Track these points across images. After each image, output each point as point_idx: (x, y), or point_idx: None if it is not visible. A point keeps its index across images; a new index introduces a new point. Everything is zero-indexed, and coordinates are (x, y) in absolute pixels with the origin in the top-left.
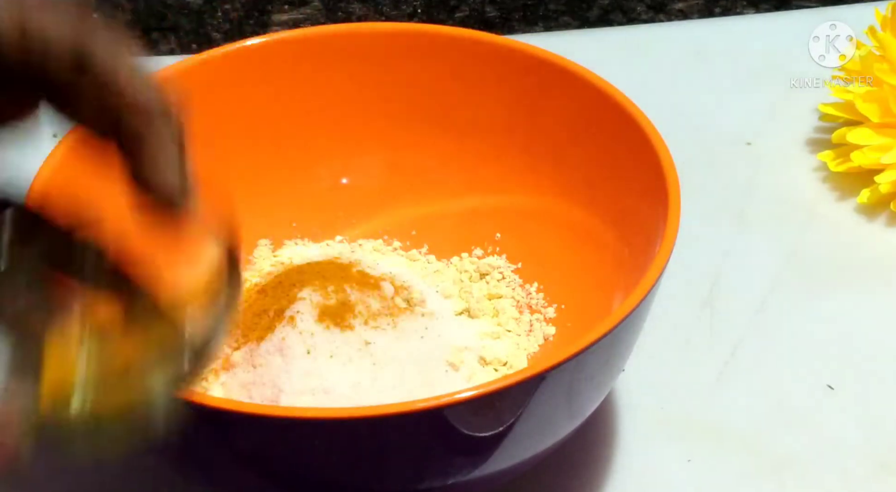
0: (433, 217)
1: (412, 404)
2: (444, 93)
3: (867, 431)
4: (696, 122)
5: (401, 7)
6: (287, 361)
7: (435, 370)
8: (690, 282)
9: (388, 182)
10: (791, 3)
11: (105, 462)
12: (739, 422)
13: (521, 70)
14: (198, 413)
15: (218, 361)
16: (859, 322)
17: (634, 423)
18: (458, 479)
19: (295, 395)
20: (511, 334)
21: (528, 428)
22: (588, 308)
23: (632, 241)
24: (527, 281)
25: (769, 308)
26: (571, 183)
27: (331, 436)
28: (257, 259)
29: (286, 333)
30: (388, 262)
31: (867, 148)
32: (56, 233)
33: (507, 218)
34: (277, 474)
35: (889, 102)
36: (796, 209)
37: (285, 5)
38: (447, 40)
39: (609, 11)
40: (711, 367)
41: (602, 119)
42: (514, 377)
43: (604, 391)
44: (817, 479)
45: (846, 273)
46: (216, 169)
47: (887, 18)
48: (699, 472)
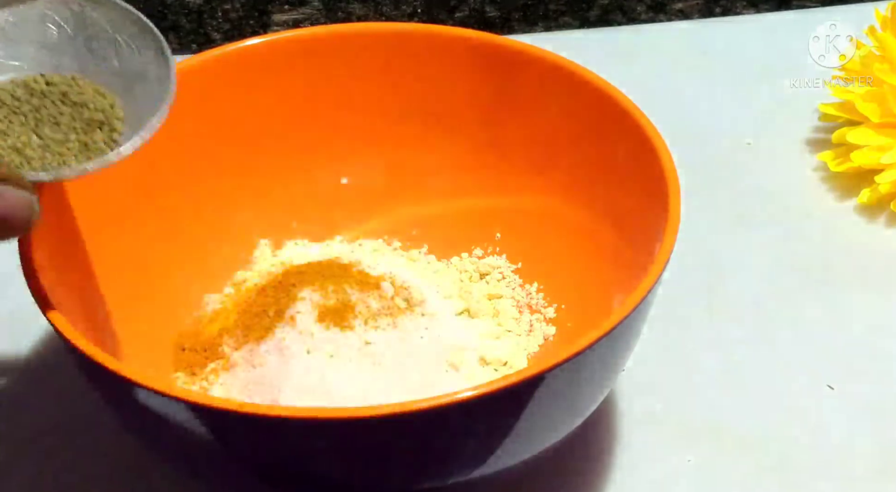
0: (433, 217)
1: (412, 404)
2: (444, 93)
3: (867, 431)
4: (696, 122)
5: (401, 7)
6: (287, 361)
7: (435, 370)
8: (690, 282)
9: (388, 182)
10: (791, 3)
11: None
12: (739, 422)
13: (521, 70)
14: (198, 413)
15: (218, 362)
16: (859, 322)
17: (634, 423)
18: (458, 479)
19: (295, 395)
20: (511, 334)
21: (528, 428)
22: (588, 308)
23: (632, 241)
24: (527, 281)
25: (769, 308)
26: (571, 183)
27: (331, 436)
28: (257, 259)
29: (286, 333)
30: (388, 262)
31: (867, 148)
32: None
33: (507, 218)
34: (278, 474)
35: (889, 102)
36: (796, 209)
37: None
38: (447, 40)
39: (609, 11)
40: (711, 367)
41: (602, 119)
42: (514, 377)
43: (604, 391)
44: (817, 479)
45: (846, 273)
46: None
47: (887, 18)
48: (699, 472)
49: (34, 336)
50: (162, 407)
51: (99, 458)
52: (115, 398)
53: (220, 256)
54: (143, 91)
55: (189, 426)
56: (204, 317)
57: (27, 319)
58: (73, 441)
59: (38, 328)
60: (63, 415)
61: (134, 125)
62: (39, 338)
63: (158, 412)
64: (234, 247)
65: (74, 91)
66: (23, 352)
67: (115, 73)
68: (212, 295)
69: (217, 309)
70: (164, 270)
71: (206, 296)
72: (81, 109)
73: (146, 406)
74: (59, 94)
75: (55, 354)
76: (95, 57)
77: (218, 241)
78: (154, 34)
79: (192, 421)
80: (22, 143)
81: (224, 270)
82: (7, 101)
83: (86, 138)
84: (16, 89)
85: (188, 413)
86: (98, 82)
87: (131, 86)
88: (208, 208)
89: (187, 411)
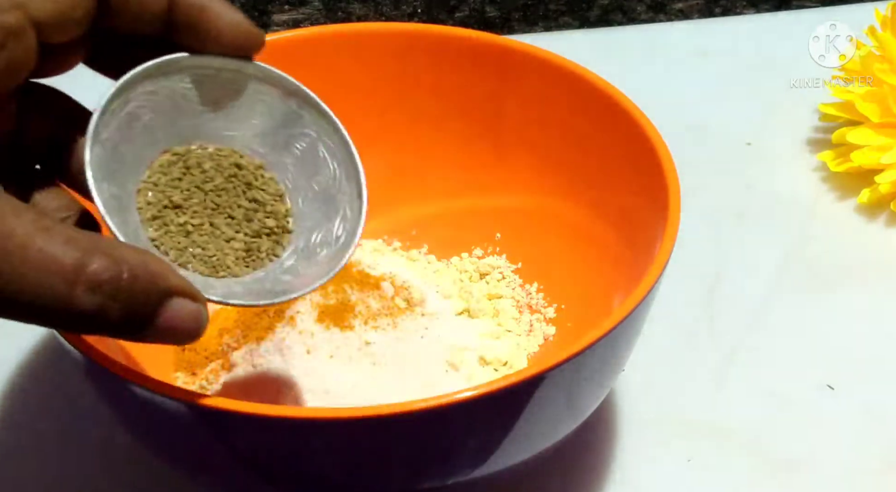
0: (433, 217)
1: (412, 404)
2: (444, 93)
3: (867, 430)
4: (696, 122)
5: (401, 7)
6: (287, 361)
7: (435, 370)
8: (690, 282)
9: (388, 182)
10: (791, 3)
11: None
12: (739, 422)
13: (521, 70)
14: (198, 413)
15: (218, 362)
16: (859, 322)
17: (634, 423)
18: (458, 479)
19: (295, 395)
20: (511, 334)
21: (528, 428)
22: (588, 308)
23: (632, 241)
24: (527, 281)
25: (769, 308)
26: (571, 183)
27: (331, 436)
28: None
29: (286, 333)
30: (388, 262)
31: (867, 148)
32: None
33: (507, 218)
34: (278, 474)
35: (889, 102)
36: (796, 209)
37: (285, 5)
38: (447, 40)
39: (609, 11)
40: (711, 367)
41: (602, 119)
42: (514, 377)
43: (604, 391)
44: (817, 479)
45: (846, 273)
46: None
47: (887, 18)
48: (699, 472)
49: (34, 336)
50: (162, 407)
51: (99, 458)
52: (115, 398)
53: None
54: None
55: (189, 426)
56: None
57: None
58: (73, 441)
59: (38, 328)
60: (63, 415)
61: (301, 253)
62: (39, 338)
63: (158, 412)
64: None
65: (259, 183)
66: (23, 352)
67: (298, 166)
68: None
69: (217, 309)
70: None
71: None
72: (257, 208)
73: (146, 406)
74: (244, 185)
75: (55, 354)
76: (291, 156)
77: None
78: (358, 172)
79: (192, 421)
80: (193, 226)
81: None
82: (196, 172)
83: (252, 242)
84: (206, 160)
85: (188, 413)
86: (282, 182)
87: (317, 202)
88: None
89: (187, 411)
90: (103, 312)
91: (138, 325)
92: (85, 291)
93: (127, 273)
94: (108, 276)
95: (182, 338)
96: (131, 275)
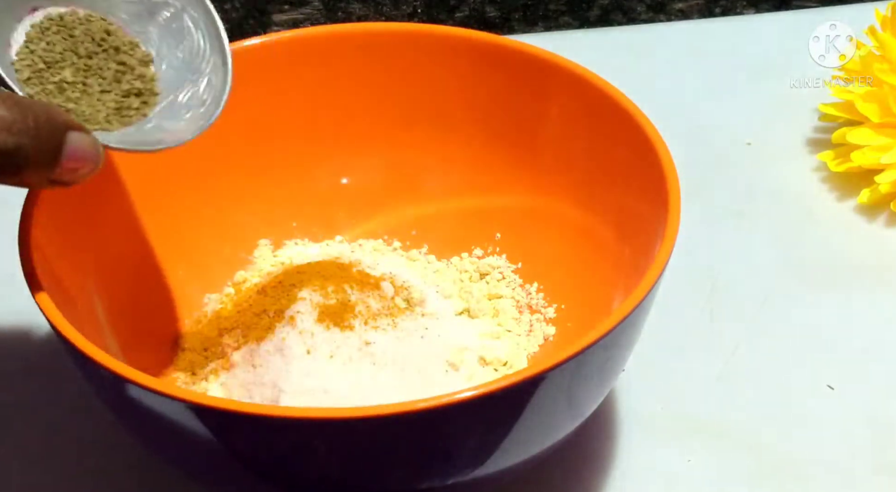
0: (433, 217)
1: (412, 404)
2: (444, 93)
3: (867, 431)
4: (696, 122)
5: (401, 7)
6: (287, 361)
7: (435, 370)
8: (690, 282)
9: (388, 182)
10: (791, 3)
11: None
12: (739, 422)
13: (521, 70)
14: (198, 413)
15: (218, 362)
16: (859, 322)
17: (634, 423)
18: (458, 479)
19: (295, 395)
20: (511, 334)
21: (528, 428)
22: (588, 308)
23: (632, 241)
24: (527, 281)
25: (769, 308)
26: (571, 183)
27: (331, 436)
28: (257, 259)
29: (286, 333)
30: (388, 262)
31: (867, 148)
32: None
33: (507, 218)
34: (278, 473)
35: (889, 102)
36: (796, 209)
37: (285, 5)
38: (447, 40)
39: (609, 11)
40: (711, 367)
41: (602, 119)
42: (514, 377)
43: (604, 391)
44: (817, 479)
45: (846, 273)
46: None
47: (887, 18)
48: (699, 472)
49: (34, 336)
50: (162, 407)
51: (99, 457)
52: (115, 398)
53: (220, 256)
54: (183, 76)
55: (189, 426)
56: (204, 317)
57: (27, 319)
58: (73, 441)
59: (38, 328)
60: (63, 415)
61: (166, 111)
62: (39, 338)
63: (158, 412)
64: (234, 247)
65: (126, 48)
66: (23, 352)
67: (163, 34)
68: (212, 295)
69: (217, 309)
70: (164, 270)
71: (206, 296)
72: (125, 71)
73: (146, 406)
74: (112, 49)
75: (55, 355)
76: (155, 25)
77: (218, 241)
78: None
79: (192, 421)
80: (68, 84)
81: (224, 270)
82: (68, 35)
83: (122, 102)
84: (77, 26)
85: (188, 413)
86: (147, 48)
87: (182, 69)
88: (208, 208)
89: (187, 411)
90: (20, 149)
91: (51, 156)
92: (4, 134)
93: (32, 117)
94: (19, 119)
95: (88, 165)
96: (35, 117)
